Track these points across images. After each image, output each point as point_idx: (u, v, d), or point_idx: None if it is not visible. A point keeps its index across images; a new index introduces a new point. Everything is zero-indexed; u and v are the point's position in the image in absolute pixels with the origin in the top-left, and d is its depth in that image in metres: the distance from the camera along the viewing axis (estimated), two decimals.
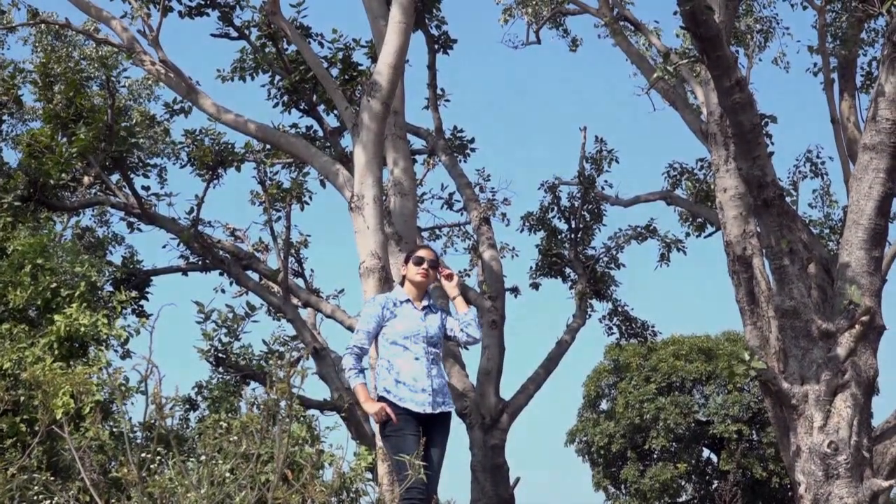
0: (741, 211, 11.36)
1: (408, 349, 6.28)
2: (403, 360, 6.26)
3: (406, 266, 6.57)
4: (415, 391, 6.18)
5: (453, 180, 16.86)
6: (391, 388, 6.20)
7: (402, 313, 6.40)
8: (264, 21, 14.67)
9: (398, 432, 6.09)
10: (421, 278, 6.49)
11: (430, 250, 6.67)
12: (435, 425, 6.25)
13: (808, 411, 9.51)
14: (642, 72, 14.96)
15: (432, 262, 6.55)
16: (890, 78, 9.50)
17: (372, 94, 10.47)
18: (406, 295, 6.50)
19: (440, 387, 6.32)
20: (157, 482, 6.35)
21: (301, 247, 17.59)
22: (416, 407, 6.15)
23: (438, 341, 6.45)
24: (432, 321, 6.47)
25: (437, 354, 6.40)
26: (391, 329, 6.35)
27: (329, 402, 15.13)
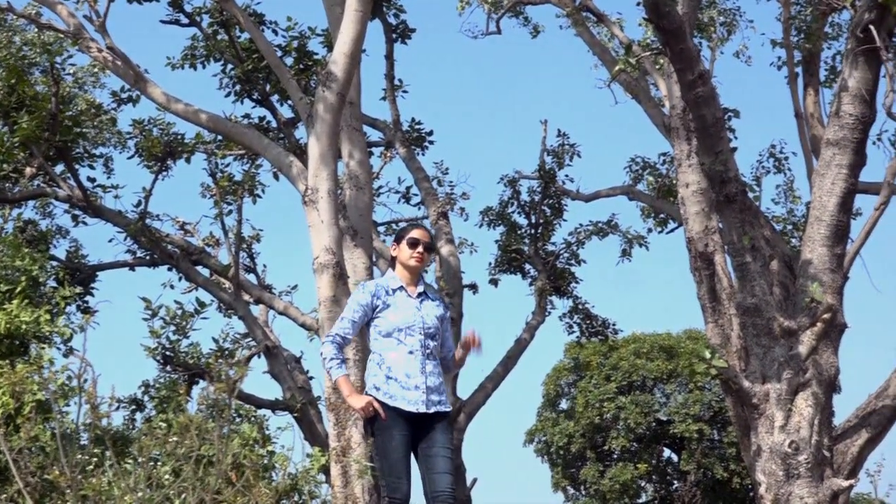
0: (703, 206, 11.23)
1: (401, 342, 5.60)
2: (396, 353, 5.58)
3: (398, 247, 5.84)
4: (407, 388, 5.52)
5: (411, 174, 16.66)
6: (381, 385, 5.55)
7: (395, 302, 5.69)
8: (216, 8, 14.37)
9: (385, 432, 5.47)
10: (416, 262, 5.75)
11: (425, 230, 5.91)
12: (433, 425, 5.59)
13: (769, 410, 9.40)
14: (604, 64, 14.78)
15: (428, 244, 5.85)
16: (853, 73, 9.38)
17: (327, 84, 10.24)
18: (399, 281, 5.78)
19: (436, 385, 5.63)
20: (92, 485, 6.08)
21: (253, 241, 17.29)
22: (407, 406, 5.50)
23: (436, 333, 5.72)
24: (429, 310, 5.75)
25: (433, 348, 5.70)
26: (384, 320, 5.65)
27: (281, 401, 14.84)
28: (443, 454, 5.52)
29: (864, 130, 9.46)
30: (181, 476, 5.41)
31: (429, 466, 5.48)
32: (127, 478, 5.35)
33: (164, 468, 6.22)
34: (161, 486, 5.33)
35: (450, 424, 5.72)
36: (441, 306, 5.82)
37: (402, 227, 6.06)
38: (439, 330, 5.73)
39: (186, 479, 5.11)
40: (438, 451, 5.51)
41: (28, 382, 9.62)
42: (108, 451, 6.95)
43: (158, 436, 6.70)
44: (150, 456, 6.09)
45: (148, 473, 5.87)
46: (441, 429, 5.59)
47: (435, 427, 5.57)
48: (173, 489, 5.14)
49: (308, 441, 14.69)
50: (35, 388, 9.84)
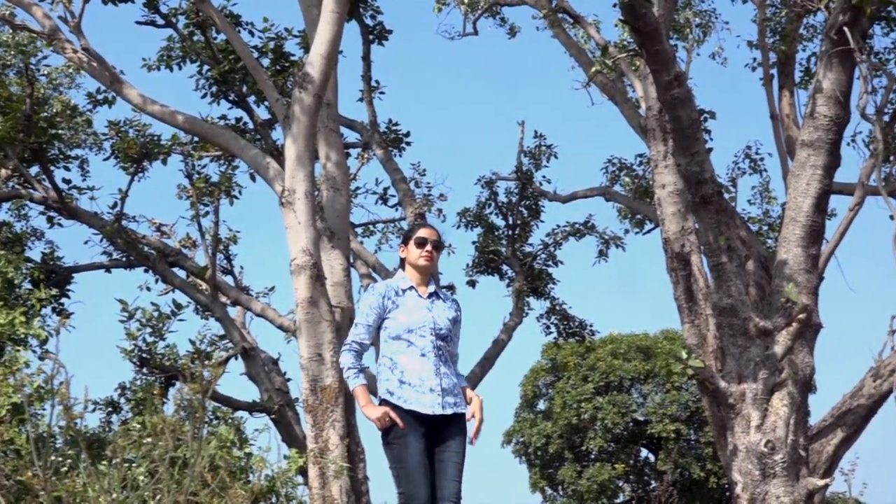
0: (679, 207, 11.27)
1: (413, 344, 5.44)
2: (408, 356, 5.42)
3: (405, 248, 5.68)
4: (422, 392, 5.36)
5: (388, 175, 16.62)
6: (394, 390, 5.39)
7: (405, 303, 5.52)
8: (192, 9, 14.29)
9: (400, 439, 5.31)
10: (425, 262, 5.59)
11: (432, 228, 5.76)
12: (448, 427, 5.44)
13: (745, 410, 9.42)
14: (581, 65, 14.80)
15: (436, 242, 5.68)
16: (828, 74, 9.41)
17: (304, 85, 10.22)
18: (409, 281, 5.60)
19: (451, 386, 5.47)
20: (65, 486, 6.05)
21: (230, 243, 17.19)
22: (423, 409, 5.34)
23: (448, 334, 5.55)
24: (441, 311, 5.58)
25: (447, 350, 5.55)
26: (394, 322, 5.49)
27: (258, 403, 14.79)
28: (454, 460, 5.41)
29: (839, 132, 9.50)
30: (155, 477, 5.38)
31: (439, 471, 5.37)
32: (101, 479, 5.31)
33: (139, 470, 6.19)
34: (136, 488, 5.30)
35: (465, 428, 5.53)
36: (454, 307, 5.67)
37: (409, 227, 5.90)
38: (451, 331, 5.58)
39: (161, 480, 5.07)
40: (451, 457, 5.40)
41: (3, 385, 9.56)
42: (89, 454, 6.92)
43: (133, 437, 6.67)
44: (125, 458, 6.06)
45: (122, 475, 5.84)
46: (456, 433, 5.45)
47: (451, 430, 5.44)
48: (148, 491, 5.10)
49: (285, 443, 14.65)
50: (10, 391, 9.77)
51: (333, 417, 9.79)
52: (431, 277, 5.68)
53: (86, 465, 6.12)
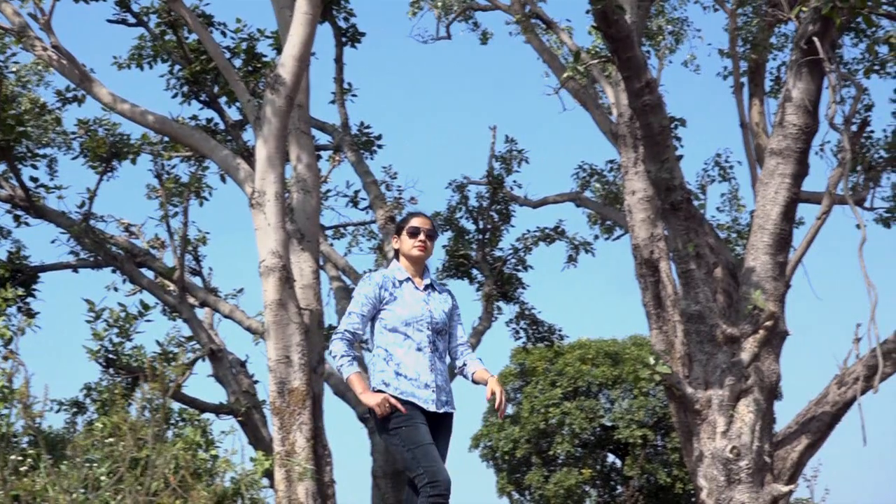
0: (649, 214, 11.31)
1: (409, 337, 5.32)
2: (404, 350, 5.31)
3: (398, 238, 5.56)
4: (417, 386, 5.24)
5: (359, 177, 16.58)
6: (390, 381, 5.26)
7: (402, 295, 5.40)
8: (164, 8, 14.20)
9: (409, 422, 5.13)
10: (419, 252, 5.48)
11: (425, 217, 5.63)
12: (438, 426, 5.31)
13: (711, 416, 9.47)
14: (553, 71, 14.83)
15: (430, 231, 5.54)
16: (797, 84, 9.48)
17: (275, 86, 10.19)
18: (405, 273, 5.49)
19: (444, 384, 5.36)
20: (23, 485, 5.99)
21: (199, 244, 17.12)
22: (419, 402, 5.22)
23: (444, 328, 5.45)
24: (437, 303, 5.47)
25: (442, 346, 5.44)
26: (391, 314, 5.36)
27: (225, 405, 14.72)
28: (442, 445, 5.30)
29: (807, 141, 9.58)
30: (116, 477, 5.33)
31: None
32: (62, 479, 5.27)
33: (100, 470, 6.14)
34: (97, 488, 5.25)
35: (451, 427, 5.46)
36: (449, 299, 5.57)
37: (401, 217, 5.73)
38: (447, 325, 5.48)
39: (123, 480, 5.03)
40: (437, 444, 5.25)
41: None
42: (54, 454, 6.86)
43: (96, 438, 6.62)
44: (87, 458, 6.01)
45: (84, 475, 5.79)
46: (444, 434, 5.36)
47: (440, 431, 5.33)
48: (109, 491, 5.06)
49: (252, 445, 14.59)
50: None
51: (301, 420, 9.76)
52: (426, 268, 5.59)
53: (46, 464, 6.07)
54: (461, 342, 5.57)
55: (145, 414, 5.36)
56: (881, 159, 14.18)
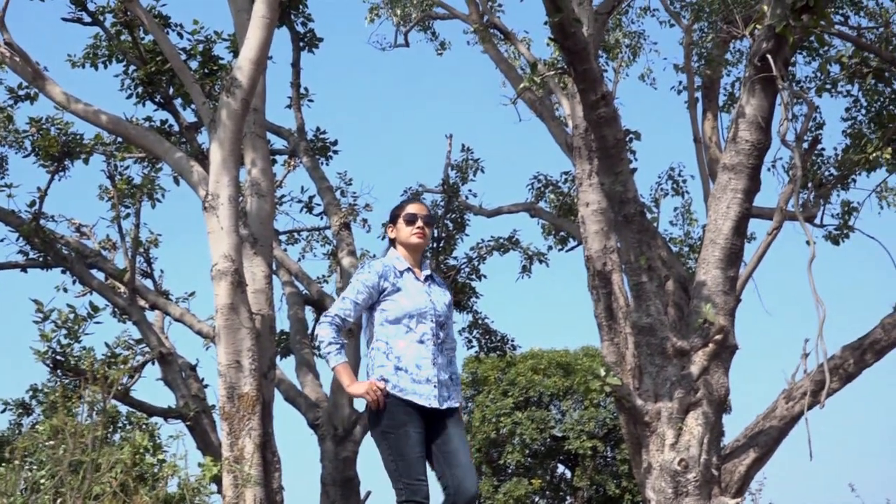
0: (602, 226, 11.37)
1: (411, 330, 5.06)
2: (405, 342, 5.05)
3: (394, 227, 5.33)
4: (418, 381, 4.98)
5: (314, 183, 16.53)
6: (389, 377, 4.99)
7: (405, 285, 5.15)
8: (120, 7, 14.08)
9: (398, 429, 4.89)
10: (418, 239, 5.25)
11: (421, 203, 5.40)
12: (445, 420, 5.07)
13: (660, 429, 9.51)
14: (510, 81, 14.89)
15: (427, 217, 5.31)
16: (751, 100, 9.56)
17: (231, 89, 10.13)
18: (405, 263, 5.25)
19: (447, 379, 5.11)
20: None
21: (151, 246, 16.97)
22: (419, 400, 4.96)
23: (446, 321, 5.19)
24: (438, 296, 5.25)
25: (444, 338, 5.17)
26: (394, 304, 5.09)
27: (174, 409, 14.59)
28: (463, 449, 5.05)
29: (760, 157, 9.65)
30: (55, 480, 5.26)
31: (449, 462, 4.99)
32: (1, 482, 5.19)
33: (40, 473, 6.06)
34: (36, 491, 5.18)
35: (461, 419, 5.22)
36: (448, 292, 5.38)
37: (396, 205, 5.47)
38: (449, 318, 5.25)
39: (63, 483, 4.96)
40: (458, 446, 5.04)
41: None
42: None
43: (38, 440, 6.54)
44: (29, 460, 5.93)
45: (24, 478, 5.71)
46: (454, 423, 5.10)
47: (448, 423, 5.07)
48: (49, 494, 4.99)
49: (200, 450, 14.48)
50: None
51: (250, 426, 9.69)
52: (425, 258, 5.39)
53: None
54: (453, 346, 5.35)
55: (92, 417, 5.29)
56: (831, 177, 14.37)
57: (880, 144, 13.28)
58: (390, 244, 5.38)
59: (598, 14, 12.01)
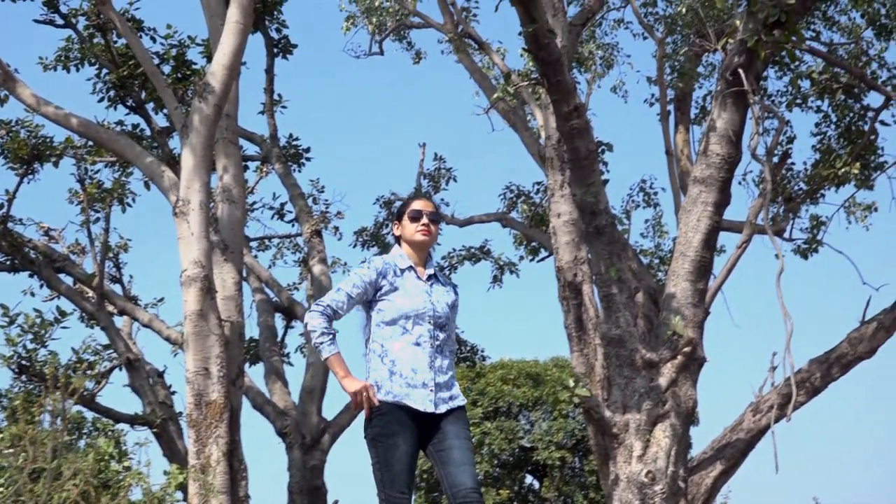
0: (574, 237, 11.38)
1: (407, 331, 4.88)
2: (400, 344, 4.86)
3: (399, 224, 5.17)
4: (413, 386, 4.80)
5: (286, 190, 16.49)
6: (383, 382, 4.81)
7: (404, 285, 4.96)
8: (93, 10, 13.99)
9: (388, 438, 4.72)
10: (423, 236, 5.08)
11: (427, 199, 5.23)
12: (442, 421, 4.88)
13: (628, 440, 9.52)
14: (484, 91, 14.91)
15: (433, 214, 5.12)
16: (722, 114, 9.61)
17: (204, 95, 10.10)
18: (408, 261, 5.06)
19: (445, 381, 4.92)
20: None
21: (120, 251, 16.89)
22: (414, 404, 4.78)
23: (446, 323, 5.00)
24: (440, 296, 5.05)
25: (444, 340, 4.98)
26: (390, 304, 4.91)
27: (140, 416, 14.49)
28: (458, 445, 4.83)
29: (730, 170, 9.70)
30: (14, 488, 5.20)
31: (443, 461, 4.81)
32: None
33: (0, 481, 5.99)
34: None
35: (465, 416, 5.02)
36: (452, 293, 5.17)
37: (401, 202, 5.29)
38: (450, 319, 5.06)
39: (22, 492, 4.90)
40: (453, 444, 4.83)
41: None
42: None
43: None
44: None
45: None
46: (452, 422, 4.89)
47: (448, 424, 4.88)
48: (8, 502, 4.92)
49: (167, 458, 14.39)
50: None
51: (217, 433, 9.64)
52: (430, 257, 5.19)
53: None
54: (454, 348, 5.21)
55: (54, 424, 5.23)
56: (801, 191, 14.47)
57: (849, 160, 13.41)
58: (396, 242, 5.23)
59: (572, 25, 12.04)
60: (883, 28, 14.22)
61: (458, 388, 4.99)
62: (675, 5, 15.11)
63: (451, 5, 15.06)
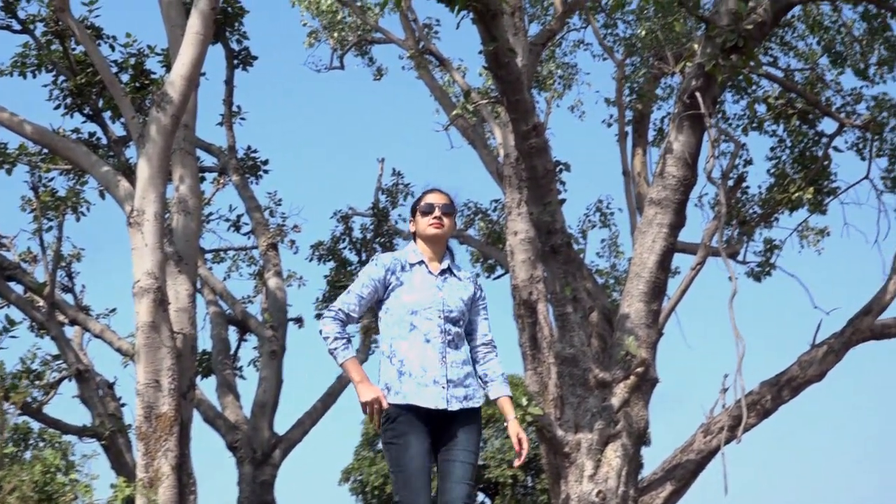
0: (530, 255, 11.41)
1: (416, 328, 4.70)
2: (409, 342, 4.69)
3: (413, 220, 4.99)
4: (424, 384, 4.62)
5: (243, 202, 16.40)
6: (392, 384, 4.64)
7: (411, 280, 4.81)
8: (52, 17, 13.84)
9: (400, 439, 4.57)
10: (435, 230, 4.87)
11: (441, 193, 5.00)
12: (457, 423, 4.70)
13: (579, 459, 9.54)
14: (444, 108, 14.95)
15: (446, 206, 4.93)
16: (679, 136, 9.68)
17: (162, 105, 10.01)
18: (420, 255, 4.89)
19: (460, 378, 4.72)
20: None
21: (73, 260, 16.70)
22: (424, 403, 4.60)
23: (461, 318, 4.82)
24: (453, 290, 4.86)
25: (457, 335, 4.79)
26: (396, 301, 4.76)
27: (89, 428, 14.29)
28: (461, 459, 4.66)
29: (686, 192, 9.77)
30: None
31: (444, 474, 4.66)
32: None
33: None
34: None
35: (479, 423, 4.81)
36: (470, 286, 4.95)
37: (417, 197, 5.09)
38: (464, 314, 4.85)
39: None
40: (457, 456, 4.65)
41: None
42: None
43: None
44: None
45: None
46: (466, 430, 4.71)
47: (459, 426, 4.70)
48: None
49: (115, 470, 14.20)
50: None
51: (166, 447, 9.52)
52: (448, 252, 5.00)
53: None
54: (484, 341, 4.96)
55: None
56: (755, 215, 14.62)
57: (803, 185, 13.57)
58: (413, 238, 5.04)
59: (532, 45, 12.11)
60: (838, 55, 14.44)
61: (474, 386, 4.81)
62: (635, 28, 15.25)
63: (412, 21, 15.09)
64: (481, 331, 4.96)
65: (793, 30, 15.16)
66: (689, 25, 13.73)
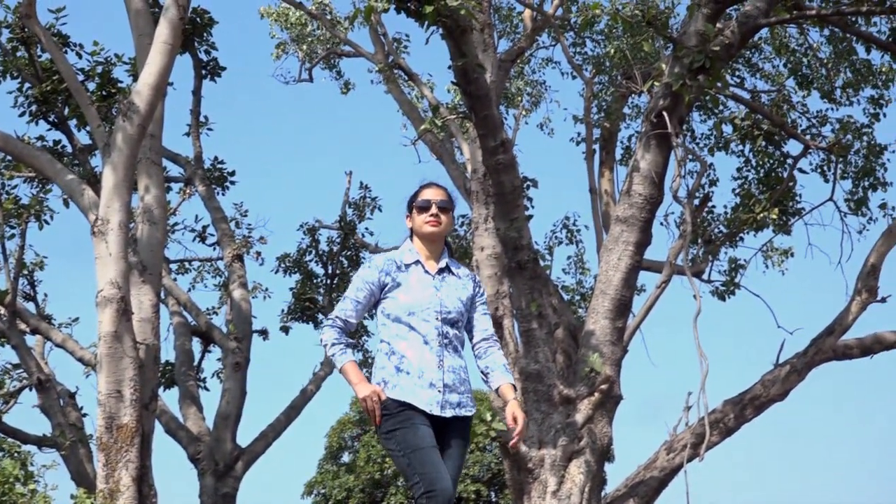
0: (496, 271, 11.42)
1: (414, 329, 4.62)
2: (407, 342, 4.61)
3: (410, 217, 4.86)
4: (421, 386, 4.55)
5: (209, 213, 16.32)
6: (389, 378, 4.58)
7: (407, 280, 4.70)
8: (18, 24, 13.73)
9: (406, 423, 4.48)
10: (431, 227, 4.75)
11: (438, 188, 4.87)
12: (447, 430, 4.63)
13: (543, 475, 9.54)
14: (412, 122, 14.97)
15: (443, 202, 4.80)
16: (646, 155, 9.73)
17: (128, 114, 9.96)
18: (416, 255, 4.78)
19: (456, 382, 4.64)
20: None
21: (35, 268, 16.53)
22: (419, 403, 4.52)
23: (459, 318, 4.72)
24: (451, 290, 4.75)
25: (455, 337, 4.70)
26: (393, 302, 4.68)
27: (49, 437, 14.14)
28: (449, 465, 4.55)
29: (652, 211, 9.82)
30: None
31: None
32: None
33: None
34: None
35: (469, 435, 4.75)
36: (470, 285, 4.84)
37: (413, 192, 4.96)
38: (463, 315, 4.75)
39: None
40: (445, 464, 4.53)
41: None
42: None
43: None
44: None
45: None
46: (457, 441, 4.65)
47: (450, 435, 4.64)
48: None
49: (75, 481, 14.06)
50: None
51: (127, 458, 9.43)
52: (446, 249, 4.88)
53: None
54: (485, 336, 4.86)
55: None
56: (721, 234, 14.71)
57: (768, 205, 13.67)
58: (409, 236, 4.91)
59: (501, 62, 12.16)
60: (804, 78, 14.59)
61: (468, 393, 4.73)
62: (604, 47, 15.35)
63: (382, 36, 15.12)
64: (481, 326, 4.87)
65: (760, 52, 15.32)
66: (657, 45, 13.83)
